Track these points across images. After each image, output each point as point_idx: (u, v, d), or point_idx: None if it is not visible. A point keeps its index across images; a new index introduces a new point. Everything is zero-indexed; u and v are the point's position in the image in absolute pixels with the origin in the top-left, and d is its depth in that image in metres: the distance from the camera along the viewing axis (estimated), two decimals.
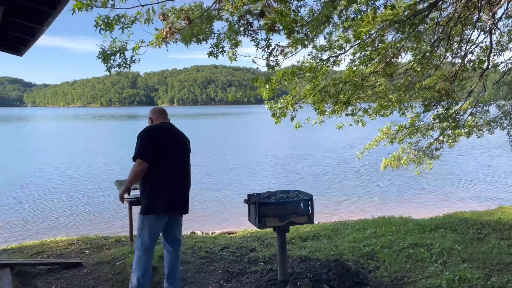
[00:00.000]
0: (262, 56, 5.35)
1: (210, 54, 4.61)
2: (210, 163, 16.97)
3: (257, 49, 4.99)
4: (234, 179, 13.80)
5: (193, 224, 8.35)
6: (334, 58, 6.37)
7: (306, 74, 6.09)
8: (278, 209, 3.80)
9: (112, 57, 3.86)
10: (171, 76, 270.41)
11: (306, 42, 5.68)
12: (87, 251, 5.16)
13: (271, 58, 5.47)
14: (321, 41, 7.81)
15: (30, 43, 4.33)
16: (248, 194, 3.98)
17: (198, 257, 4.92)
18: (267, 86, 6.32)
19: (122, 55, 3.89)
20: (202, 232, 8.08)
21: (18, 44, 4.40)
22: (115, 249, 5.17)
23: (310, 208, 3.87)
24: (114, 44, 3.82)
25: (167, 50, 4.54)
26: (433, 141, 7.76)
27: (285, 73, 6.17)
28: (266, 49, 5.24)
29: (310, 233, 6.22)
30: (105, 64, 3.97)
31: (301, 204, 3.87)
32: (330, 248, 5.15)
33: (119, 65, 4.04)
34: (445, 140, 7.79)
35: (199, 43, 4.41)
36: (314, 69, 6.13)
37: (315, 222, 9.06)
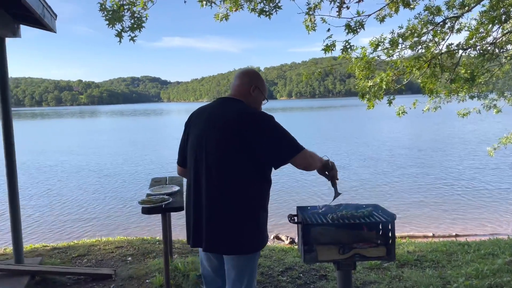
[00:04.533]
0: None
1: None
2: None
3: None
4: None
5: (276, 226, 7.24)
6: (452, 21, 4.58)
7: (409, 40, 4.45)
8: (338, 234, 2.45)
9: (118, 16, 2.97)
10: (289, 70, 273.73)
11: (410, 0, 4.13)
12: (129, 258, 4.45)
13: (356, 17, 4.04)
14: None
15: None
16: (297, 207, 2.69)
17: None
18: (358, 63, 4.86)
19: (130, 12, 2.97)
20: (287, 238, 6.96)
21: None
22: (158, 259, 4.35)
23: (389, 235, 2.42)
24: None
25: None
26: None
27: (380, 42, 4.62)
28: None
29: (413, 255, 4.59)
30: (111, 27, 3.09)
31: (375, 229, 2.45)
32: (436, 286, 3.54)
33: (131, 28, 3.13)
34: None
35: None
36: (420, 34, 4.45)
37: (429, 233, 7.30)
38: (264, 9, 4.29)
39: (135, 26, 3.22)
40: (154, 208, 3.12)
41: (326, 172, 2.38)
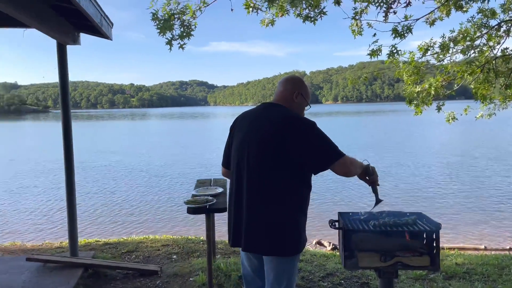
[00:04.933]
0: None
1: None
2: None
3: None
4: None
5: (319, 232, 7.19)
6: (508, 24, 4.39)
7: (460, 44, 4.30)
8: (380, 241, 2.42)
9: (169, 25, 3.11)
10: (336, 74, 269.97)
11: (462, 3, 4.01)
12: (174, 256, 4.61)
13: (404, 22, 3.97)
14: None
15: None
16: (338, 213, 2.69)
17: None
18: (406, 68, 4.77)
19: (180, 21, 3.11)
20: (329, 244, 6.90)
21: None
22: (202, 258, 4.48)
23: (434, 245, 2.36)
24: (168, 5, 3.07)
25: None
26: None
27: (429, 46, 4.50)
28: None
29: (462, 267, 4.40)
30: (162, 35, 3.25)
31: (419, 237, 2.40)
32: None
33: (181, 36, 3.27)
34: None
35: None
36: (473, 38, 4.29)
37: (480, 246, 6.92)
38: (309, 15, 4.32)
39: (184, 34, 3.36)
40: (199, 208, 3.23)
41: (367, 178, 2.36)
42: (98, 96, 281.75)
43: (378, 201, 2.51)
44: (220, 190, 3.76)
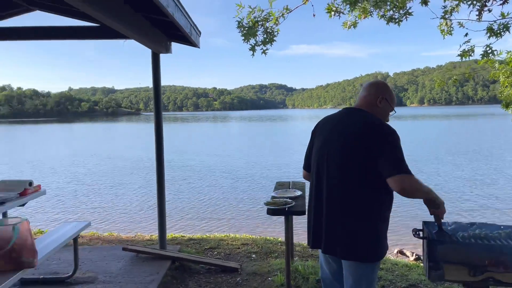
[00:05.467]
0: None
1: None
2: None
3: None
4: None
5: (400, 240, 6.88)
6: None
7: None
8: (469, 254, 2.29)
9: (253, 32, 3.24)
10: (422, 75, 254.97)
11: None
12: (253, 255, 4.75)
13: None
14: None
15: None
16: (423, 222, 2.59)
17: None
18: (503, 69, 4.45)
19: (263, 27, 3.22)
20: (412, 254, 6.57)
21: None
22: (280, 259, 4.56)
23: None
24: (253, 13, 3.20)
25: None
26: None
27: None
28: None
29: None
30: (246, 41, 3.39)
31: None
32: None
33: (264, 42, 3.39)
34: None
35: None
36: None
37: None
38: (394, 16, 4.19)
39: (267, 40, 3.47)
40: (278, 210, 3.31)
41: (431, 209, 2.25)
42: (184, 100, 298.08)
43: (440, 230, 2.37)
44: (299, 193, 3.81)
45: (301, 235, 6.16)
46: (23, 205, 3.63)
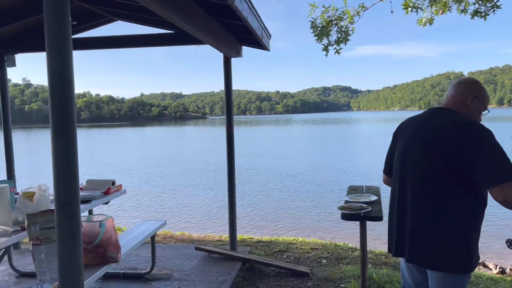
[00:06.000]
0: None
1: None
2: None
3: None
4: None
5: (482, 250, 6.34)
6: None
7: None
8: None
9: (326, 32, 3.17)
10: (501, 74, 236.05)
11: None
12: (324, 260, 4.65)
13: None
14: None
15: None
16: None
17: None
18: None
19: (337, 26, 3.14)
20: (495, 266, 6.05)
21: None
22: (352, 266, 4.42)
23: None
24: (326, 12, 3.13)
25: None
26: None
27: None
28: None
29: None
30: (319, 41, 3.32)
31: None
32: None
33: (337, 41, 3.31)
34: None
35: None
36: None
37: None
38: (479, 9, 3.89)
39: (341, 39, 3.38)
40: (353, 215, 3.19)
41: None
42: (247, 103, 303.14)
43: None
44: (374, 198, 3.65)
45: (373, 241, 5.93)
46: (107, 203, 3.86)
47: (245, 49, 4.88)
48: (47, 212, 2.63)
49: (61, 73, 1.65)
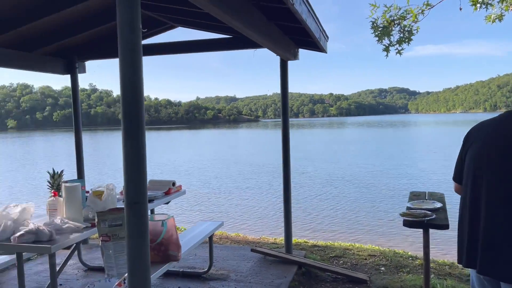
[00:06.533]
0: None
1: None
2: None
3: None
4: None
5: None
6: None
7: None
8: None
9: (387, 32, 3.07)
10: None
11: None
12: (382, 268, 4.50)
13: None
14: None
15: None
16: None
17: None
18: None
19: (400, 26, 3.03)
20: None
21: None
22: (413, 275, 4.23)
23: None
24: (388, 12, 3.03)
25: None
26: None
27: None
28: None
29: None
30: (380, 42, 3.22)
31: None
32: None
33: (399, 41, 3.19)
34: None
35: None
36: None
37: None
38: None
39: (404, 39, 3.26)
40: (416, 222, 3.06)
41: None
42: (300, 106, 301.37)
43: None
44: (438, 205, 3.47)
45: (433, 250, 5.64)
46: (167, 203, 4.00)
47: (299, 51, 4.86)
48: (115, 210, 2.78)
49: (132, 79, 1.73)
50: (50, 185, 3.48)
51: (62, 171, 3.60)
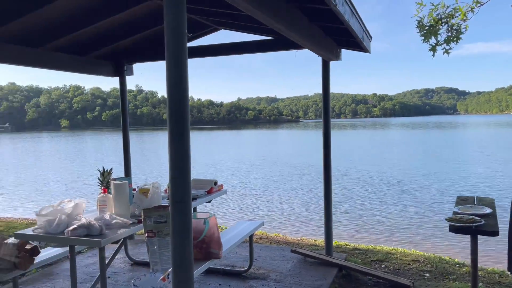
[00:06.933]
0: None
1: None
2: None
3: None
4: None
5: None
6: None
7: None
8: None
9: (434, 31, 2.97)
10: None
11: None
12: (427, 274, 4.36)
13: None
14: None
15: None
16: None
17: None
18: None
19: (447, 25, 2.92)
20: None
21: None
22: (459, 282, 4.07)
23: None
24: (435, 10, 2.93)
25: None
26: None
27: None
28: None
29: None
30: (426, 41, 3.13)
31: None
32: None
33: (446, 41, 3.08)
34: None
35: None
36: None
37: None
38: None
39: (452, 38, 3.16)
40: (464, 228, 2.95)
41: None
42: (342, 107, 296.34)
43: None
44: (488, 210, 3.33)
45: (481, 257, 5.39)
46: (209, 201, 4.09)
47: (342, 52, 4.81)
48: (160, 207, 2.89)
49: (178, 81, 1.81)
50: (100, 182, 3.66)
51: (111, 169, 3.77)
